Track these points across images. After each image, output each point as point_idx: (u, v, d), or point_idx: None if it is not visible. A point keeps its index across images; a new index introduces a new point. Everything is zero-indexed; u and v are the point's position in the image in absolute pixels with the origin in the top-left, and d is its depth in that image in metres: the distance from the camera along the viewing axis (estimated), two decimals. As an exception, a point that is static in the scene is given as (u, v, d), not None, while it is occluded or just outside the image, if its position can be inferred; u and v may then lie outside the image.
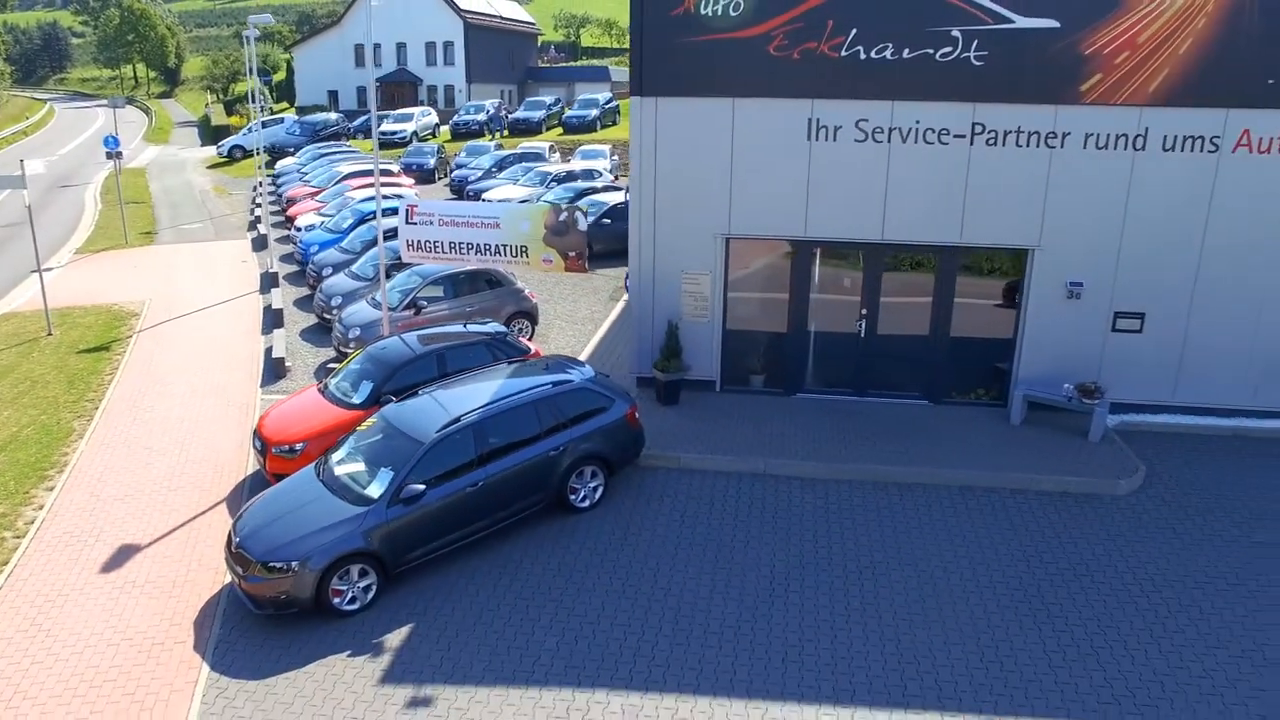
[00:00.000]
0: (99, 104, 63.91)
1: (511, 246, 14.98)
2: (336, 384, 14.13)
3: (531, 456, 11.55)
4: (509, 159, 35.77)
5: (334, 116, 51.01)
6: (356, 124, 52.79)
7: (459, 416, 11.30)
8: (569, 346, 18.51)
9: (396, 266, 19.15)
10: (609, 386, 12.63)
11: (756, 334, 15.14)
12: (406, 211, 15.55)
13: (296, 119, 51.32)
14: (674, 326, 14.58)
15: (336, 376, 14.36)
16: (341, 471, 11.31)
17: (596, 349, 18.15)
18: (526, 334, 18.57)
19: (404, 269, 19.00)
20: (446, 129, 52.26)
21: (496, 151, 38.43)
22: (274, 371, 17.79)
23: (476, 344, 14.26)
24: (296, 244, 26.08)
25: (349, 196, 27.68)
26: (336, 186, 30.81)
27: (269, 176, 40.44)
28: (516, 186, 30.78)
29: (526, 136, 47.95)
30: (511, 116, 51.56)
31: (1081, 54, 13.12)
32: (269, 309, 21.67)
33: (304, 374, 17.57)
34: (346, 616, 10.40)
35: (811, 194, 14.08)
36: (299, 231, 26.76)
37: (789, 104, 13.77)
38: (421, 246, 15.56)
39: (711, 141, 14.08)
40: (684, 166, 14.24)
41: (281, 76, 75.23)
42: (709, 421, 14.16)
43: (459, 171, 36.11)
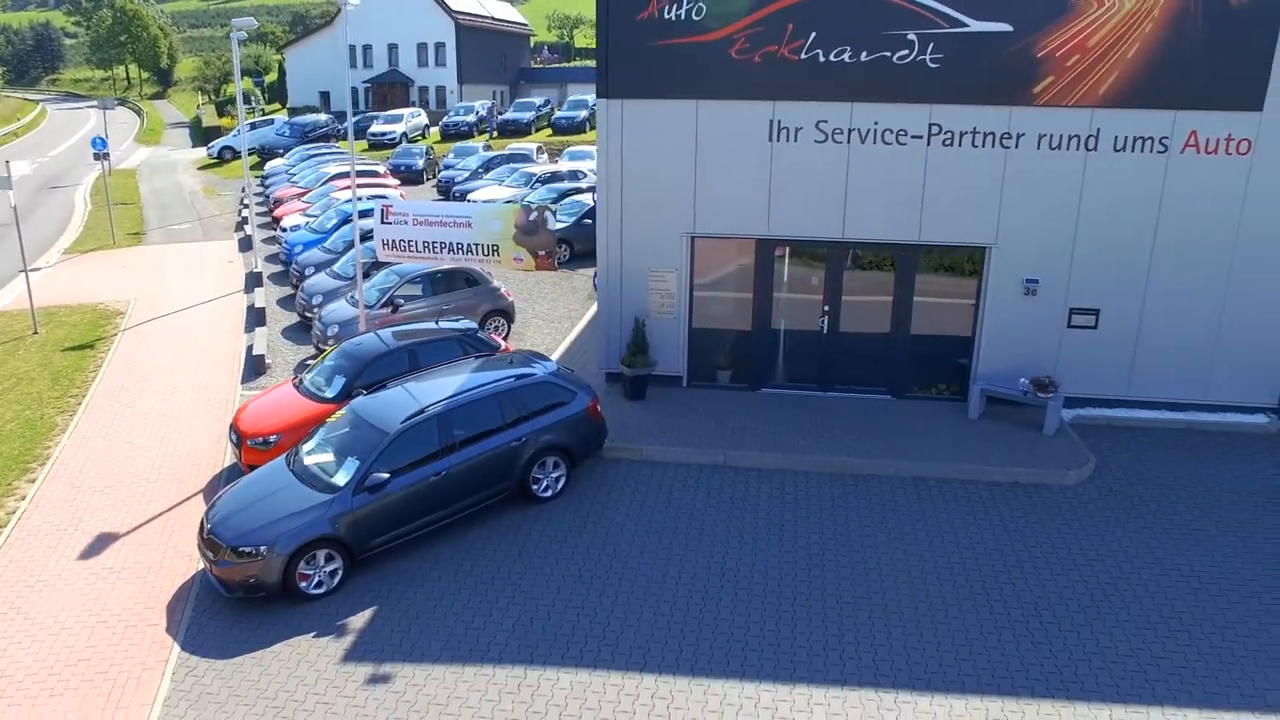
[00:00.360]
0: (90, 105, 64.44)
1: (483, 245, 15.54)
2: (311, 379, 14.68)
3: (494, 447, 12.09)
4: (496, 160, 36.34)
5: (324, 118, 51.59)
6: (347, 125, 53.33)
7: (424, 408, 11.84)
8: (544, 344, 19.06)
9: (377, 266, 19.71)
10: (571, 380, 13.17)
11: (722, 330, 15.67)
12: (382, 212, 16.12)
13: (286, 120, 51.90)
14: (640, 323, 15.12)
15: (311, 372, 14.91)
16: (311, 461, 11.85)
17: (571, 346, 18.69)
18: (503, 332, 19.14)
19: (384, 268, 19.57)
20: (437, 130, 52.80)
21: (484, 153, 38.98)
22: (254, 368, 18.33)
23: (447, 340, 14.81)
24: (281, 244, 26.64)
25: (334, 197, 28.25)
26: (323, 187, 31.39)
27: (258, 178, 41.05)
28: (501, 187, 31.35)
29: (516, 138, 48.52)
30: (501, 118, 52.11)
31: (1034, 57, 13.67)
32: (252, 308, 22.23)
33: (284, 371, 18.11)
34: (313, 600, 10.94)
35: (774, 194, 14.62)
36: (284, 232, 27.32)
37: (751, 106, 14.32)
38: (397, 246, 16.12)
39: (676, 142, 14.63)
40: (650, 167, 14.79)
41: (274, 77, 75.84)
42: (673, 415, 14.70)
43: (446, 172, 36.68)
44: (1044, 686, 9.30)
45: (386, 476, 11.24)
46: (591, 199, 26.74)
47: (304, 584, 10.91)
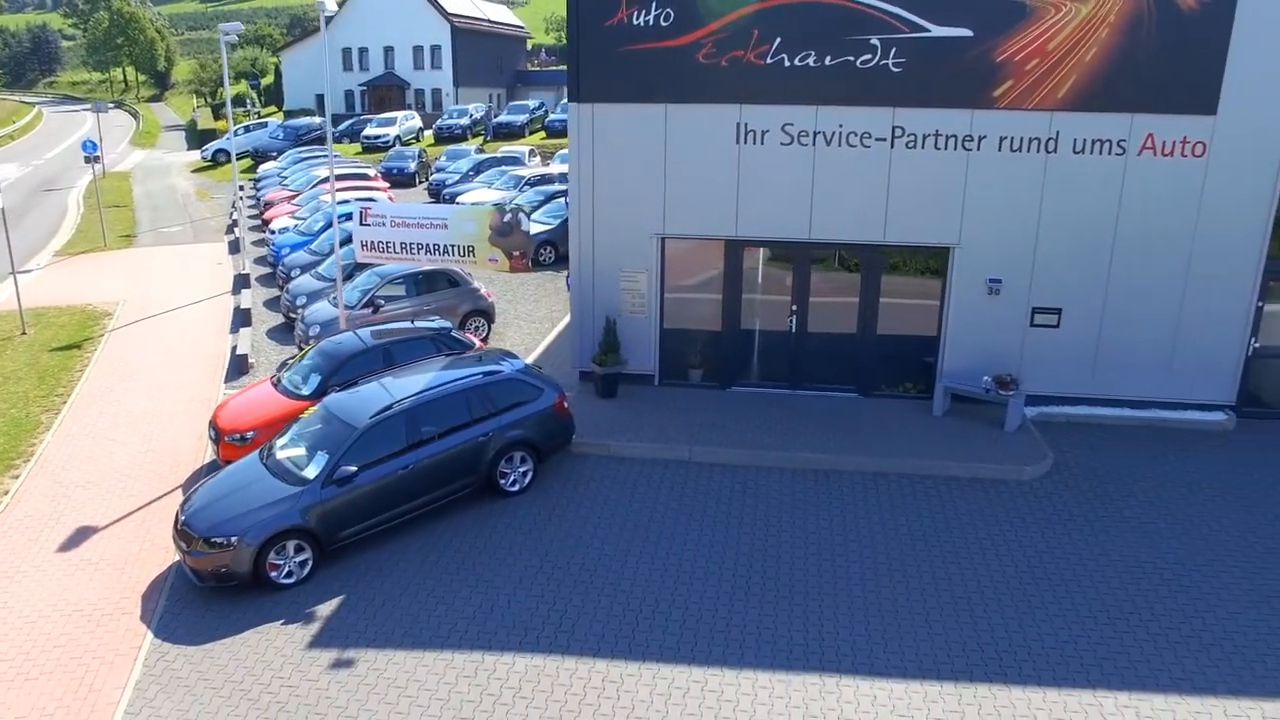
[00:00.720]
0: (84, 108, 65.23)
1: (459, 246, 16.04)
2: (289, 377, 15.18)
3: (461, 442, 12.57)
4: (486, 163, 36.87)
5: (317, 121, 52.20)
6: (340, 128, 54.01)
7: (391, 404, 12.33)
8: (524, 343, 19.55)
9: (361, 267, 20.22)
10: (539, 377, 13.66)
11: (693, 329, 16.14)
12: (360, 214, 16.63)
13: (280, 123, 52.53)
14: (611, 322, 15.60)
15: (289, 370, 15.42)
16: (283, 456, 12.34)
17: (550, 345, 19.18)
18: (483, 332, 19.64)
19: (366, 269, 20.08)
20: (431, 133, 53.40)
21: (476, 156, 39.51)
22: (238, 368, 18.83)
23: (422, 339, 15.32)
24: (269, 247, 27.18)
25: (322, 200, 28.76)
26: (313, 190, 31.93)
27: (251, 181, 41.68)
28: (491, 190, 31.87)
29: (510, 140, 49.08)
30: (495, 121, 52.69)
31: (994, 61, 14.13)
32: (238, 309, 22.76)
33: (268, 371, 18.57)
34: (283, 589, 11.41)
35: (741, 195, 15.10)
36: (273, 235, 27.86)
37: (718, 109, 14.81)
38: (375, 247, 16.63)
39: (646, 145, 15.12)
40: (620, 170, 15.27)
41: (270, 80, 76.56)
42: (643, 413, 15.17)
43: (437, 175, 37.24)
44: (983, 671, 9.74)
45: (354, 470, 11.72)
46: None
47: (274, 574, 11.39)
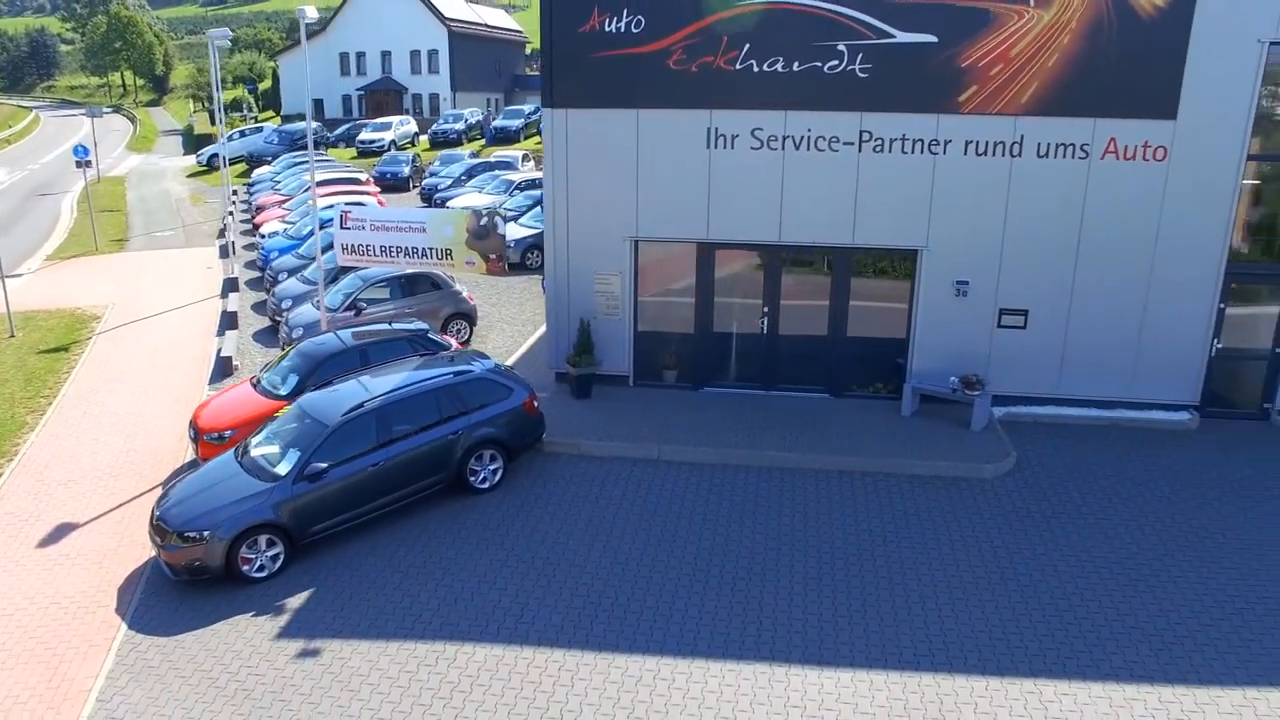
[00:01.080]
0: (80, 112, 66.01)
1: (437, 250, 16.53)
2: (268, 378, 15.66)
3: (431, 440, 13.03)
4: (478, 168, 37.40)
5: (314, 125, 52.81)
6: (337, 133, 54.64)
7: (362, 403, 12.79)
8: (506, 346, 20.03)
9: (346, 270, 20.71)
10: (509, 377, 14.11)
11: (666, 330, 16.58)
12: (340, 217, 17.13)
13: (275, 128, 53.18)
14: (585, 324, 16.05)
15: (269, 371, 15.90)
16: (257, 453, 12.80)
17: (531, 348, 19.64)
18: (464, 334, 20.12)
19: (350, 272, 20.56)
20: (426, 138, 54.00)
21: (469, 160, 40.06)
22: (222, 370, 19.32)
23: (398, 340, 15.79)
24: (259, 250, 27.71)
25: (311, 204, 29.26)
26: (304, 194, 32.44)
27: (245, 185, 42.27)
28: (481, 194, 32.40)
29: (506, 145, 49.64)
30: (493, 125, 53.28)
31: (959, 67, 14.57)
32: (225, 312, 23.26)
33: (252, 372, 19.06)
34: (255, 583, 11.87)
35: (712, 199, 15.55)
36: (263, 239, 28.40)
37: (689, 114, 15.27)
38: (356, 250, 17.14)
39: (619, 150, 15.58)
40: (594, 174, 15.73)
41: (267, 85, 77.31)
42: (616, 413, 15.61)
43: (429, 180, 37.80)
44: (928, 661, 10.15)
45: (324, 466, 12.18)
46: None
47: (246, 567, 11.84)
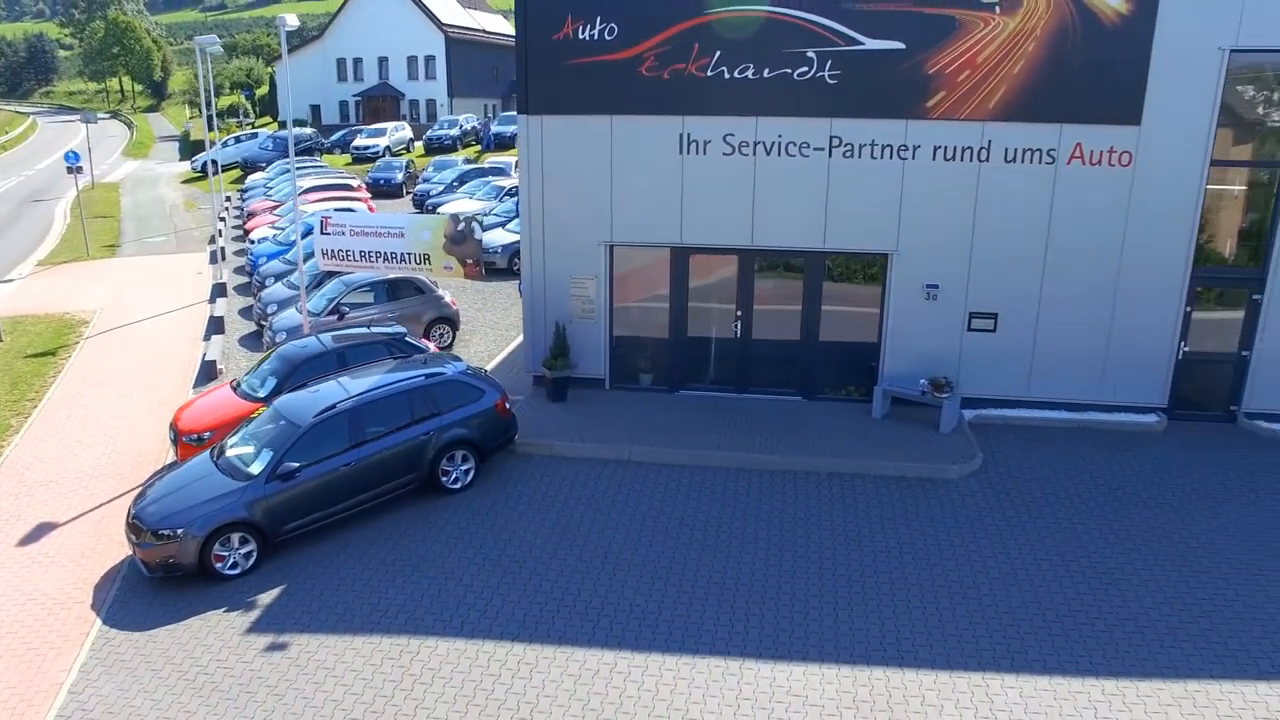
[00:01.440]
0: (75, 118, 66.79)
1: (415, 255, 16.96)
2: (248, 380, 16.10)
3: (402, 441, 13.44)
4: (470, 173, 37.88)
5: (308, 131, 53.48)
6: (332, 139, 55.23)
7: (335, 404, 13.21)
8: (488, 350, 20.47)
9: (331, 275, 21.17)
10: (480, 379, 14.53)
11: (642, 334, 16.98)
12: (321, 223, 17.58)
13: (270, 134, 53.79)
14: (561, 328, 16.47)
15: (248, 374, 16.34)
16: (232, 453, 13.23)
17: (512, 352, 20.06)
18: (447, 339, 20.57)
19: (334, 277, 21.02)
20: (421, 144, 54.59)
21: (462, 166, 40.56)
22: (207, 374, 19.77)
23: (376, 343, 16.23)
24: (248, 256, 28.21)
25: (301, 210, 29.73)
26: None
27: (239, 191, 42.82)
28: (472, 201, 32.88)
29: (501, 151, 50.16)
30: (491, 131, 53.83)
31: (926, 73, 14.98)
32: (212, 317, 23.73)
33: (235, 376, 19.53)
34: (229, 580, 12.28)
35: (685, 204, 15.98)
36: (252, 244, 28.90)
37: (662, 120, 15.70)
38: (336, 255, 17.59)
39: (593, 156, 16.01)
40: (569, 179, 16.17)
41: (265, 91, 78.04)
42: (590, 415, 16.02)
43: (421, 186, 38.32)
44: (880, 655, 10.51)
45: (296, 466, 12.60)
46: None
47: (219, 565, 12.26)
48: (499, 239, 26.70)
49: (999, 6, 14.59)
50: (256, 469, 12.69)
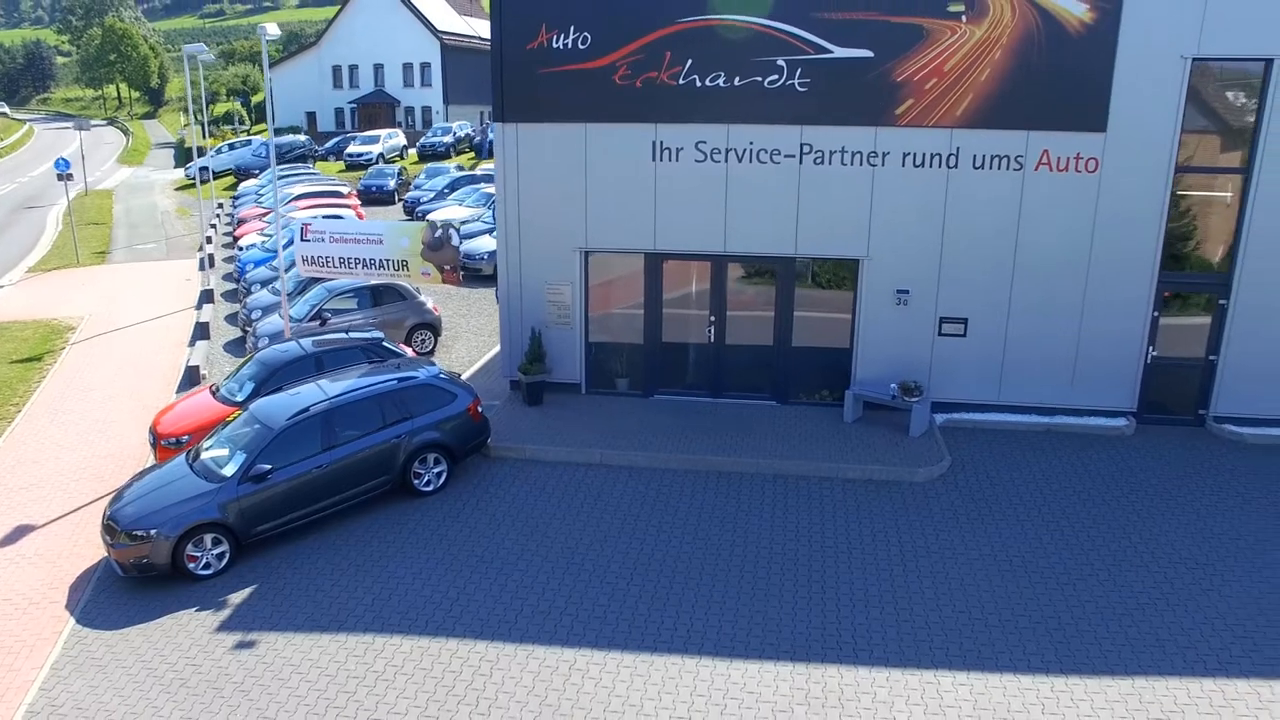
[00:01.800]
0: (64, 125, 67.42)
1: (393, 261, 17.34)
2: (227, 385, 16.47)
3: (375, 444, 13.79)
4: (461, 181, 38.29)
5: (302, 139, 53.98)
6: (326, 147, 55.73)
7: (308, 407, 13.57)
8: (469, 356, 20.83)
9: (315, 282, 21.57)
10: (453, 383, 14.87)
11: (616, 339, 17.32)
12: (301, 230, 17.97)
13: (264, 141, 54.24)
14: (537, 333, 16.82)
15: (228, 378, 16.71)
16: (207, 456, 13.59)
17: (492, 358, 20.40)
18: (429, 345, 20.94)
19: (318, 284, 21.41)
20: (415, 151, 55.07)
21: (455, 173, 40.99)
22: (191, 380, 20.13)
23: (353, 348, 16.60)
24: (236, 263, 28.63)
25: (290, 218, 30.18)
26: (286, 207, 33.38)
27: (231, 198, 43.29)
28: (461, 208, 33.28)
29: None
30: (479, 139, 54.31)
31: (895, 81, 15.34)
32: (198, 323, 24.11)
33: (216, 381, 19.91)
34: (201, 580, 12.63)
35: (659, 210, 16.34)
36: (240, 251, 29.32)
37: (635, 128, 16.07)
38: (316, 262, 17.96)
39: (567, 163, 16.39)
40: (544, 186, 16.54)
41: (261, 97, 78.58)
42: (565, 419, 16.36)
43: (413, 193, 38.73)
44: (835, 654, 10.80)
45: (268, 468, 12.94)
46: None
47: (192, 565, 12.60)
48: (485, 246, 27.07)
49: (965, 15, 14.95)
50: (230, 471, 13.03)
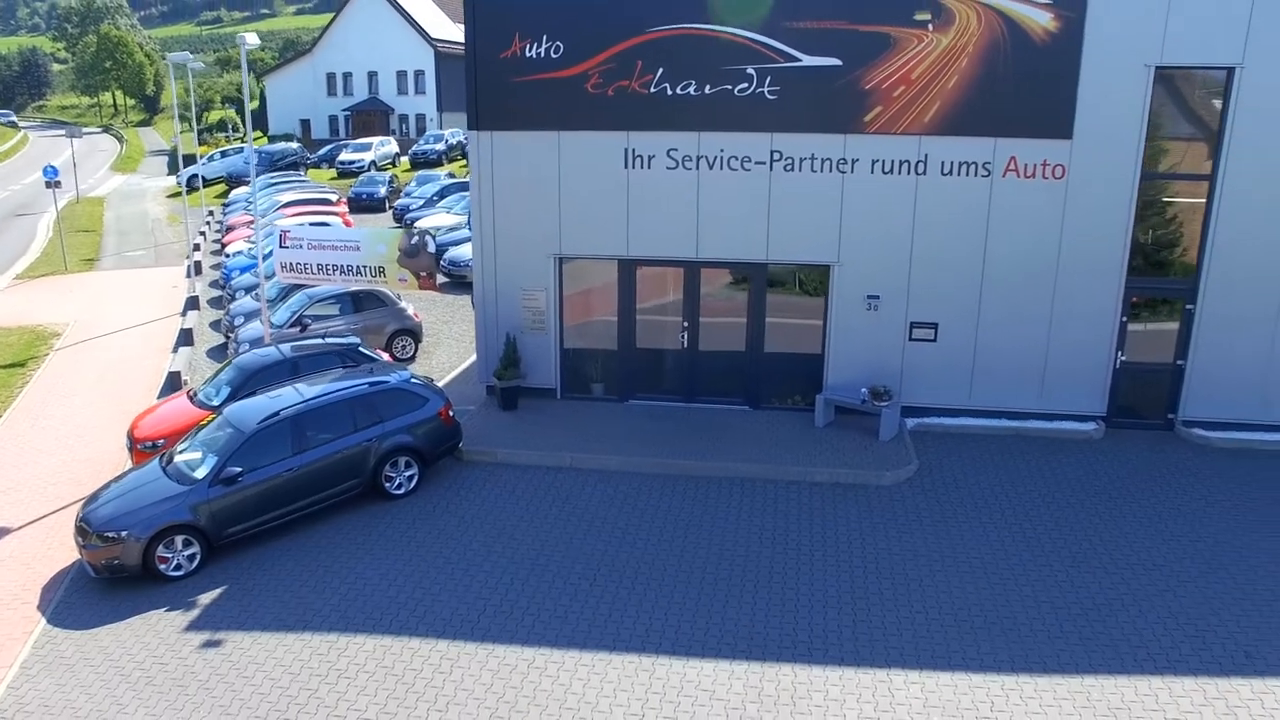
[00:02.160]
0: (57, 133, 67.94)
1: (370, 267, 17.67)
2: (204, 389, 16.80)
3: (345, 447, 14.10)
4: (451, 188, 38.68)
5: (294, 146, 54.45)
6: (319, 154, 56.19)
7: (279, 411, 13.88)
8: (450, 362, 21.16)
9: (297, 288, 21.91)
10: (424, 388, 15.19)
11: (591, 344, 17.64)
12: (280, 237, 18.32)
13: (256, 149, 54.75)
14: (511, 339, 17.14)
15: (205, 383, 17.04)
16: (180, 459, 13.90)
17: (472, 364, 20.69)
18: (409, 351, 21.27)
19: (300, 290, 21.75)
20: (407, 158, 55.55)
21: (444, 180, 41.38)
22: (172, 385, 20.43)
23: (329, 353, 16.93)
24: (222, 270, 28.99)
25: (276, 225, 30.55)
26: (273, 215, 33.77)
27: (222, 206, 43.70)
28: (449, 215, 33.67)
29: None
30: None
31: (863, 88, 15.67)
32: (182, 329, 24.45)
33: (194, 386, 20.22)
34: (172, 581, 12.92)
35: (631, 217, 16.66)
36: (227, 258, 29.69)
37: (607, 136, 16.41)
38: (294, 268, 18.31)
39: (541, 170, 16.72)
40: (518, 193, 16.88)
41: (255, 105, 79.15)
42: (538, 424, 16.66)
43: (402, 200, 39.13)
44: (790, 653, 11.07)
45: (239, 471, 13.25)
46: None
47: (163, 566, 12.90)
48: (469, 253, 27.31)
49: (932, 24, 15.29)
50: (201, 474, 13.34)
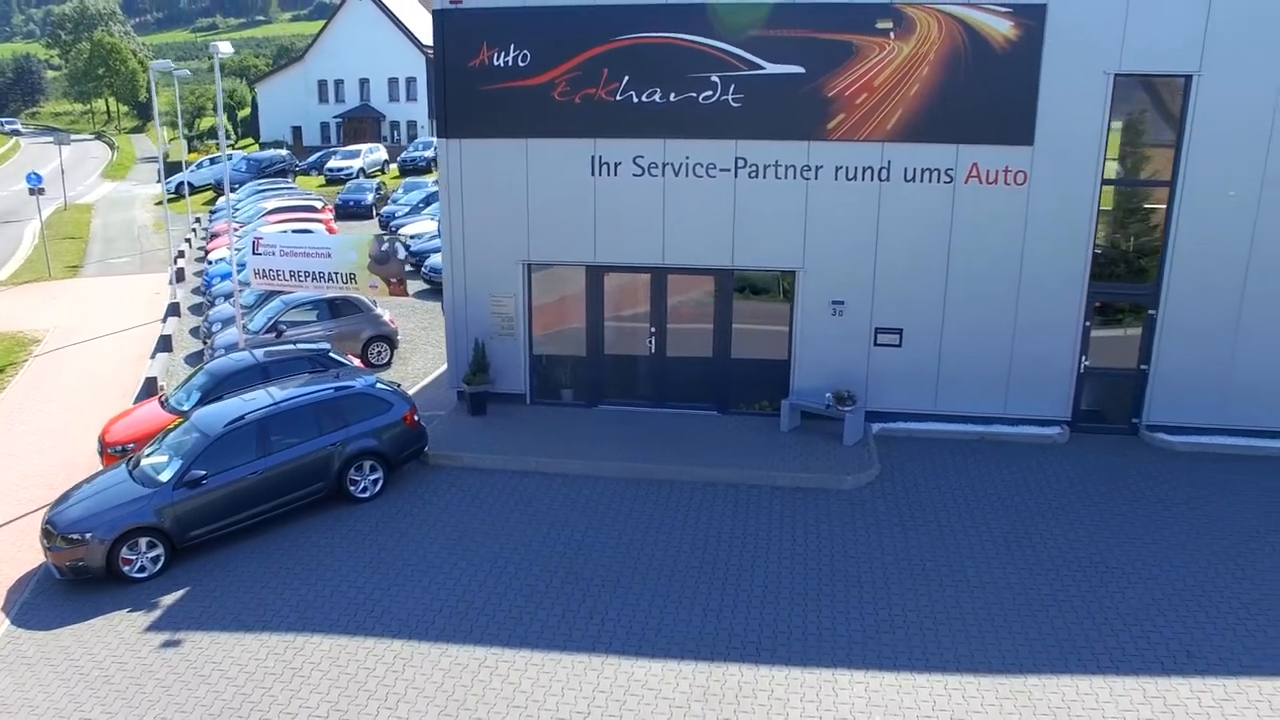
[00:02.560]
0: (48, 140, 68.37)
1: (341, 274, 18.00)
2: (175, 394, 17.11)
3: (310, 451, 14.40)
4: (436, 195, 38.98)
5: (283, 153, 54.90)
6: (307, 161, 56.60)
7: (243, 415, 14.19)
8: (424, 368, 21.48)
9: (274, 294, 22.24)
10: (390, 392, 15.49)
11: (560, 350, 17.96)
12: (253, 243, 18.65)
13: (245, 155, 55.21)
14: (480, 344, 17.44)
15: (177, 388, 17.35)
16: (146, 462, 14.20)
17: (445, 370, 21.00)
18: (385, 357, 21.60)
19: (276, 297, 22.08)
20: (396, 165, 55.98)
21: (431, 187, 41.73)
22: (149, 391, 20.75)
23: (299, 358, 17.26)
24: (204, 276, 29.34)
25: (260, 232, 30.91)
26: (257, 222, 34.15)
27: (209, 213, 44.09)
28: (432, 222, 34.03)
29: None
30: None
31: (826, 96, 16.00)
32: (161, 336, 24.79)
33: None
34: (136, 582, 13.22)
35: (599, 224, 16.98)
36: (210, 265, 30.04)
37: (574, 143, 16.74)
38: (267, 274, 18.63)
39: (510, 178, 17.05)
40: (487, 200, 17.20)
41: (246, 112, 79.68)
42: (506, 428, 16.96)
43: (389, 207, 39.50)
44: (739, 653, 11.31)
45: (203, 473, 13.55)
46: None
47: (127, 568, 13.20)
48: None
49: (893, 32, 15.62)
50: (166, 477, 13.64)
